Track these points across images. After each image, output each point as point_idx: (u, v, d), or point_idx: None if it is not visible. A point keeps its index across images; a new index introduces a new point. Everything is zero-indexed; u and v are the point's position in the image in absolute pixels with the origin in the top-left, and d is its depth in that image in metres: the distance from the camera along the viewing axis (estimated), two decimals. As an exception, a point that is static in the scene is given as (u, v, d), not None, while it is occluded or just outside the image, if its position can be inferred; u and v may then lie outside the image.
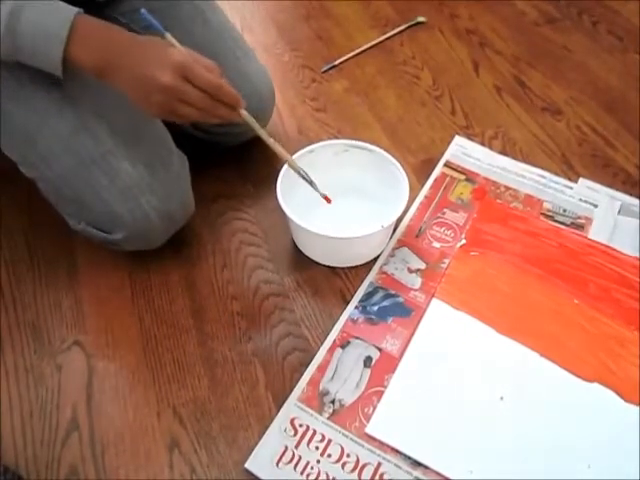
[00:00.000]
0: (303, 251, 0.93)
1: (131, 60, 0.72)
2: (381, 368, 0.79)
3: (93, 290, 0.89)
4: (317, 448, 0.72)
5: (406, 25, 1.37)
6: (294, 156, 0.87)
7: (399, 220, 0.95)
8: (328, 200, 0.86)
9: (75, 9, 0.71)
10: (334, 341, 0.82)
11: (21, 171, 0.86)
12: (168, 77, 0.70)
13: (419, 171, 1.05)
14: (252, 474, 0.71)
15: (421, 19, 1.38)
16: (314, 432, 0.74)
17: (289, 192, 0.87)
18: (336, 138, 1.09)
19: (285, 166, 0.87)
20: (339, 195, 0.88)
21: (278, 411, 0.76)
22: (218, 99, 0.73)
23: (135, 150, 0.83)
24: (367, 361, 0.80)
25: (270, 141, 0.80)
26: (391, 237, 0.94)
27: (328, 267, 0.91)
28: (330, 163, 0.94)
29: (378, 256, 0.92)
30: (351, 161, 0.95)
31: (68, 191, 0.84)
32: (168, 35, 0.75)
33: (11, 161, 0.86)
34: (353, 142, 0.95)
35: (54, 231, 0.94)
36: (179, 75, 0.71)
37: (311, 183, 0.84)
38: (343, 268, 0.91)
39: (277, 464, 0.71)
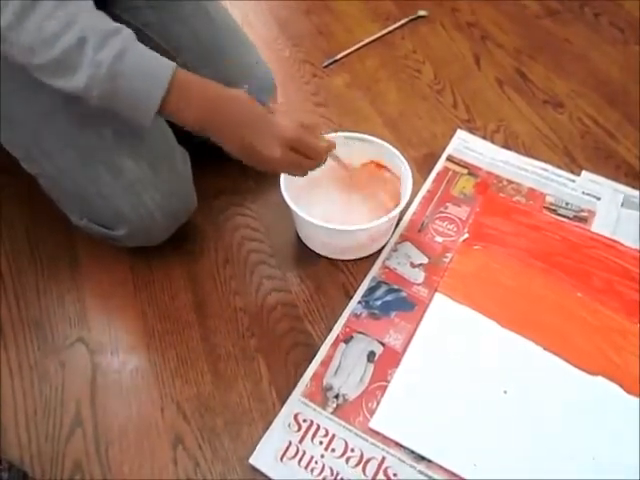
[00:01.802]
0: (307, 244, 0.93)
1: (239, 127, 0.72)
2: (384, 363, 0.79)
3: (95, 286, 0.89)
4: (321, 443, 0.72)
5: (407, 19, 1.36)
6: None
7: (402, 214, 0.95)
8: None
9: (173, 63, 0.70)
10: (337, 336, 0.82)
11: (22, 167, 0.86)
12: (278, 154, 0.72)
13: (421, 165, 1.04)
14: (256, 469, 0.71)
15: (422, 13, 1.37)
16: (318, 427, 0.74)
17: (292, 185, 0.87)
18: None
19: None
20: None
21: (282, 406, 0.76)
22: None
23: (138, 147, 0.83)
24: (370, 356, 0.80)
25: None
26: (394, 231, 0.93)
27: (331, 262, 0.91)
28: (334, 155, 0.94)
29: (381, 250, 0.92)
30: (352, 153, 0.95)
31: (70, 187, 0.84)
32: (271, 105, 0.76)
33: (12, 157, 0.85)
34: (353, 134, 0.95)
35: (56, 227, 0.94)
36: (289, 149, 0.73)
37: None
38: (346, 263, 0.91)
39: (281, 459, 0.71)
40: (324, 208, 0.92)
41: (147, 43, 0.95)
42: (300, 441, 0.72)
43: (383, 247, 0.92)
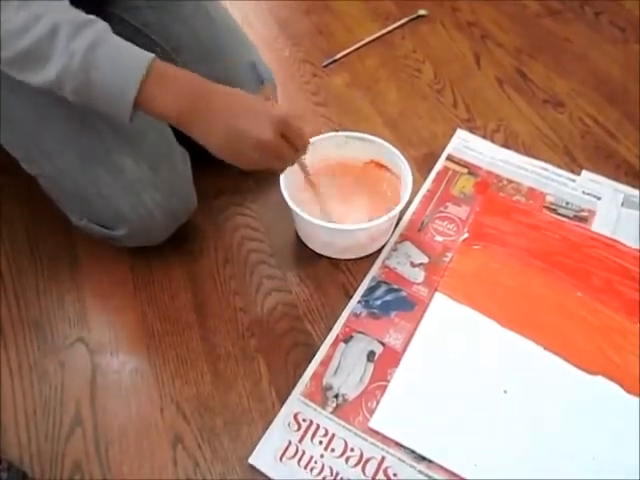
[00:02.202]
0: (306, 243, 0.93)
1: (223, 111, 0.69)
2: (384, 362, 0.79)
3: (95, 286, 0.89)
4: (321, 443, 0.72)
5: (407, 18, 1.36)
6: None
7: (402, 213, 0.95)
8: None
9: (151, 54, 0.68)
10: (337, 336, 0.82)
11: (22, 167, 0.86)
12: (269, 134, 0.68)
13: (421, 165, 1.04)
14: (256, 469, 0.71)
15: (422, 12, 1.37)
16: (317, 427, 0.74)
17: (292, 184, 0.87)
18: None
19: None
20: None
21: (281, 406, 0.75)
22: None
23: (138, 147, 0.83)
24: (370, 355, 0.80)
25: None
26: (394, 231, 0.93)
27: (331, 262, 0.91)
28: (332, 155, 0.94)
29: (381, 250, 0.92)
30: (353, 152, 0.95)
31: (70, 188, 0.84)
32: (266, 86, 0.74)
33: (12, 157, 0.86)
34: (354, 133, 0.95)
35: (56, 227, 0.94)
36: (278, 132, 0.69)
37: None
38: (346, 263, 0.91)
39: (281, 459, 0.71)
40: (324, 206, 0.91)
41: (147, 43, 0.96)
42: (300, 441, 0.72)
43: (383, 247, 0.92)
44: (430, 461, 0.71)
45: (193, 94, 0.69)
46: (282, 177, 0.87)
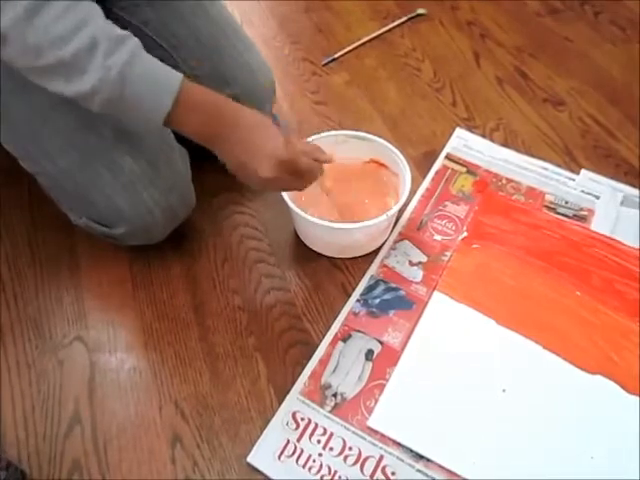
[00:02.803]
0: (305, 242, 0.93)
1: (239, 145, 0.73)
2: (383, 361, 0.79)
3: (94, 285, 0.89)
4: (319, 441, 0.72)
5: (406, 17, 1.36)
6: None
7: (400, 212, 0.95)
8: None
9: (180, 74, 0.70)
10: (336, 334, 0.82)
11: (22, 166, 0.86)
12: (272, 174, 0.73)
13: (420, 164, 1.04)
14: (254, 468, 0.71)
15: (421, 11, 1.37)
16: (316, 425, 0.74)
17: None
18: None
19: None
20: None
21: (280, 405, 0.76)
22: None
23: (137, 145, 0.83)
24: (369, 354, 0.80)
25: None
26: (392, 230, 0.93)
27: (330, 261, 0.91)
28: (332, 152, 0.94)
29: (380, 249, 0.92)
30: (352, 151, 0.95)
31: (70, 186, 0.84)
32: (284, 124, 0.78)
33: (11, 157, 0.85)
34: (353, 132, 0.95)
35: (55, 226, 0.94)
36: (284, 171, 0.73)
37: None
38: (344, 261, 0.91)
39: (279, 458, 0.71)
40: (322, 206, 0.91)
41: (146, 41, 0.95)
42: (298, 440, 0.72)
43: (382, 245, 0.92)
44: (428, 460, 0.71)
45: (218, 121, 0.72)
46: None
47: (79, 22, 0.63)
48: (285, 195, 0.85)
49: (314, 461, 0.71)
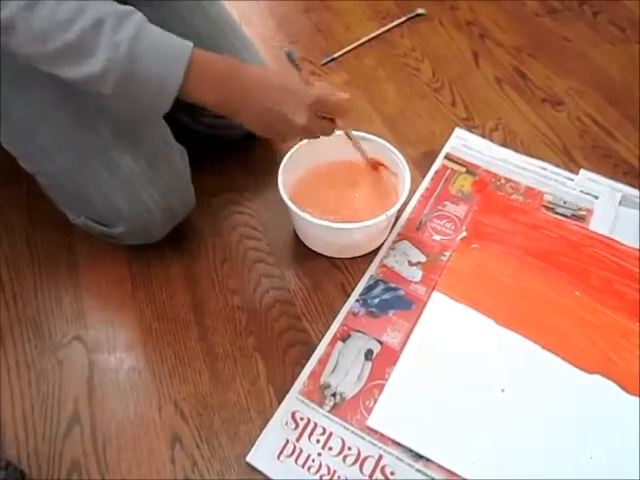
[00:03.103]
0: (304, 242, 0.93)
1: (262, 95, 0.72)
2: (382, 361, 0.79)
3: (93, 284, 0.89)
4: (318, 441, 0.72)
5: (406, 17, 1.36)
6: (296, 146, 0.91)
7: (400, 212, 0.95)
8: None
9: (189, 42, 0.69)
10: (335, 334, 0.82)
11: (20, 166, 0.86)
12: (304, 119, 0.72)
13: (420, 164, 1.04)
14: (254, 467, 0.71)
15: (421, 11, 1.37)
16: (315, 425, 0.74)
17: (289, 183, 0.87)
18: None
19: (286, 157, 0.89)
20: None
21: (279, 405, 0.76)
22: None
23: (136, 144, 0.83)
24: (368, 354, 0.80)
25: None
26: (392, 230, 0.93)
27: (329, 261, 0.91)
28: (331, 153, 0.94)
29: (379, 249, 0.92)
30: (351, 150, 0.94)
31: (69, 185, 0.84)
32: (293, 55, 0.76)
33: (10, 157, 0.85)
34: (351, 132, 0.95)
35: (54, 226, 0.94)
36: (314, 113, 0.73)
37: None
38: (344, 261, 0.91)
39: (278, 457, 0.71)
40: (322, 206, 0.91)
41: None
42: (297, 439, 0.72)
43: (381, 245, 0.92)
44: (428, 459, 0.71)
45: (229, 78, 0.71)
46: (280, 176, 0.87)
47: (81, 4, 0.63)
48: (284, 194, 0.85)
49: (313, 461, 0.71)
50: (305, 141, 0.91)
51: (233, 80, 0.71)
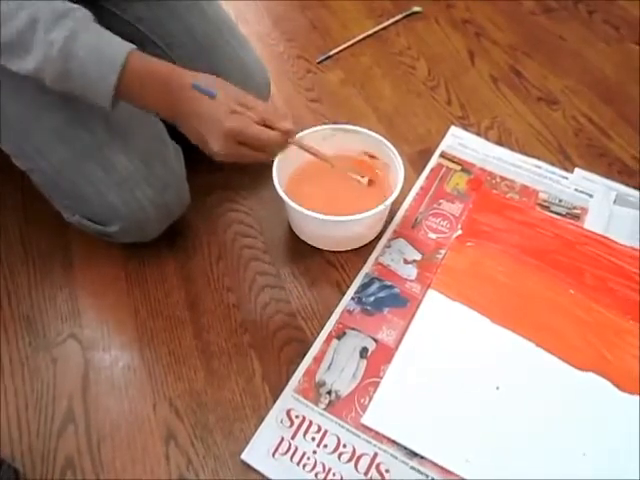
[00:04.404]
0: (300, 236, 0.93)
1: (190, 115, 0.72)
2: (377, 359, 0.79)
3: (88, 283, 0.89)
4: (313, 439, 0.72)
5: (402, 15, 1.36)
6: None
7: (395, 210, 0.95)
8: None
9: (131, 45, 0.69)
10: (330, 332, 0.82)
11: (14, 164, 0.86)
12: (219, 147, 0.71)
13: (415, 162, 1.04)
14: (249, 465, 0.71)
15: (417, 9, 1.37)
16: (310, 423, 0.74)
17: (285, 179, 0.87)
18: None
19: (280, 153, 0.88)
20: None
21: (274, 402, 0.76)
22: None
23: (130, 142, 0.83)
24: (363, 352, 0.80)
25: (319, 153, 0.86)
26: (387, 228, 0.93)
27: (324, 258, 0.91)
28: (320, 148, 0.94)
29: (374, 247, 0.92)
30: (341, 144, 0.94)
31: (63, 183, 0.84)
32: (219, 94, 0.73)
33: (4, 155, 0.85)
34: (339, 126, 0.96)
35: (48, 225, 0.94)
36: (232, 141, 0.72)
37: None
38: (339, 259, 0.91)
39: (273, 455, 0.71)
40: (317, 200, 0.91)
41: (140, 38, 0.95)
42: (292, 437, 0.72)
43: (377, 242, 0.92)
44: (422, 457, 0.71)
45: (167, 95, 0.71)
46: (275, 171, 0.87)
47: (20, 3, 0.64)
48: (278, 187, 0.85)
49: (308, 458, 0.71)
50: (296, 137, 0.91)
51: (166, 95, 0.71)
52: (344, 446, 0.72)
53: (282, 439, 0.72)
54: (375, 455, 0.71)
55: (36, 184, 0.88)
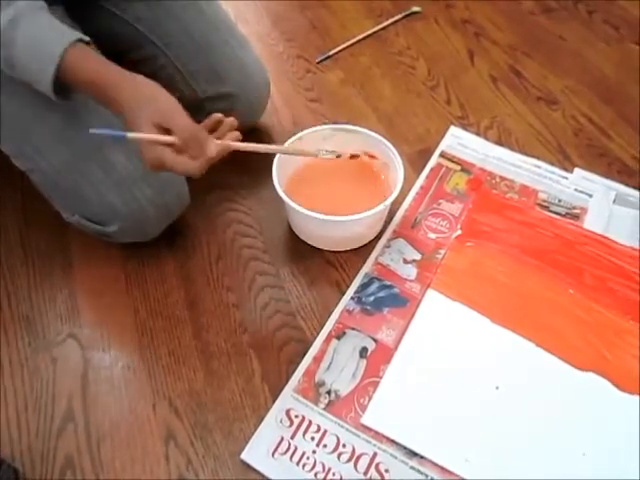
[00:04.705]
0: (300, 236, 0.93)
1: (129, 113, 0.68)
2: (377, 359, 0.79)
3: (87, 283, 0.89)
4: (313, 439, 0.72)
5: (401, 15, 1.36)
6: (289, 141, 0.91)
7: (395, 210, 0.95)
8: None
9: (76, 34, 0.68)
10: (330, 332, 0.82)
11: (14, 165, 0.86)
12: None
13: (415, 162, 1.04)
14: (248, 465, 0.71)
15: (416, 9, 1.37)
16: (310, 423, 0.74)
17: (285, 179, 0.87)
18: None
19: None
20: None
21: (274, 402, 0.76)
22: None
23: (130, 143, 0.82)
24: (363, 352, 0.80)
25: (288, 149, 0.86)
26: (386, 228, 0.93)
27: (324, 258, 0.91)
28: (325, 147, 0.94)
29: (374, 246, 0.92)
30: (341, 143, 0.94)
31: (63, 183, 0.84)
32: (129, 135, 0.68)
33: (4, 155, 0.85)
34: (339, 125, 0.96)
35: (48, 226, 0.94)
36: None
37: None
38: (339, 259, 0.91)
39: (273, 455, 0.71)
40: (317, 199, 0.91)
41: (138, 38, 0.95)
42: (292, 437, 0.72)
43: (376, 242, 0.92)
44: (422, 457, 0.71)
45: (104, 95, 0.69)
46: (275, 171, 0.87)
47: None
48: (278, 187, 0.85)
49: (308, 458, 0.71)
50: (293, 138, 0.91)
51: (103, 95, 0.69)
52: (344, 446, 0.72)
53: (282, 439, 0.72)
54: (375, 455, 0.71)
55: (36, 184, 0.88)
